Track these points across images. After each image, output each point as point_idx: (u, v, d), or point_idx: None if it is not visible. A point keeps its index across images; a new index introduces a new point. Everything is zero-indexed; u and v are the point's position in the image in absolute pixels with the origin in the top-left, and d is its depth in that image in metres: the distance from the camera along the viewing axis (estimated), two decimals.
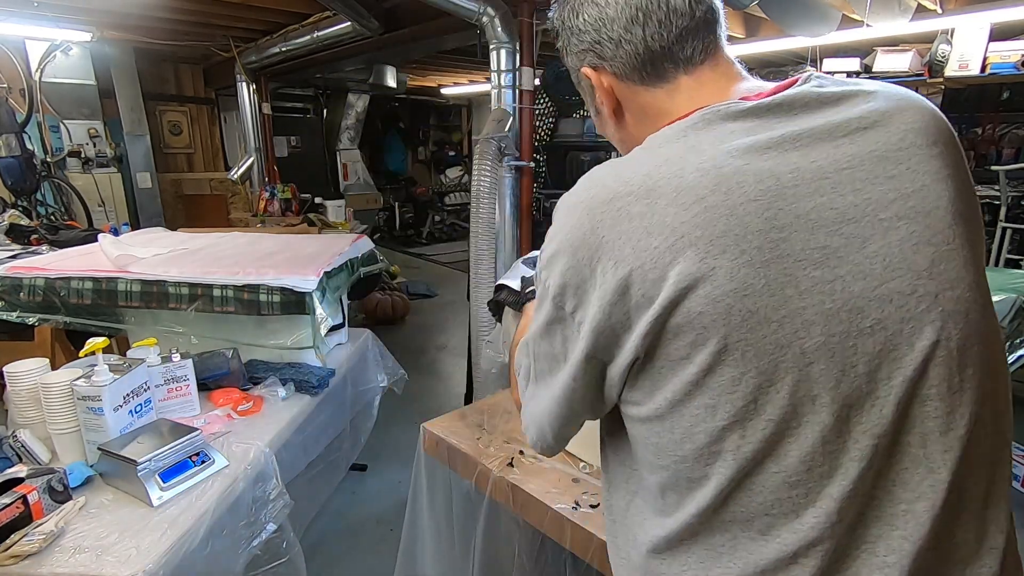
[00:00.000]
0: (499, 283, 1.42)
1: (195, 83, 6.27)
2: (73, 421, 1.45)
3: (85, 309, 2.03)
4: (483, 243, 2.66)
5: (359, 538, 2.39)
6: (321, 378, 2.02)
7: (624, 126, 0.75)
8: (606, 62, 0.69)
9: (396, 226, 9.28)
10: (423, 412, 3.33)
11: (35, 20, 3.81)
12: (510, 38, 2.77)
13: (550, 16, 0.77)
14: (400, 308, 5.13)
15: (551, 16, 0.77)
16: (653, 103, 0.69)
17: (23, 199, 4.08)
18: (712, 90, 0.68)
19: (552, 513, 1.09)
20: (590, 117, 0.90)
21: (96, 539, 1.23)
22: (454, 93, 8.85)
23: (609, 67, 0.69)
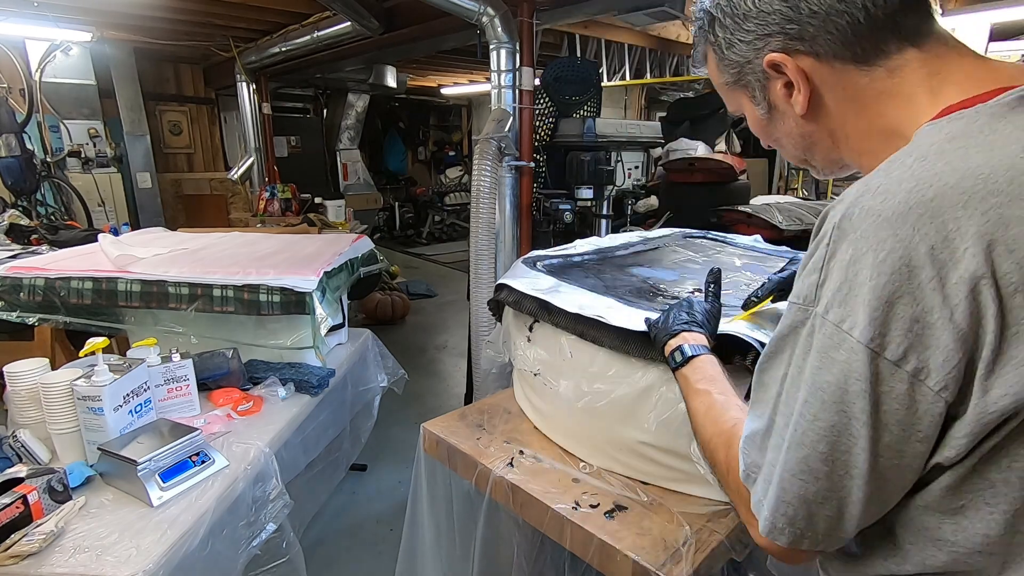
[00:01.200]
0: (499, 283, 1.42)
1: (195, 83, 6.27)
2: (73, 421, 1.45)
3: (85, 309, 2.03)
4: (483, 243, 2.66)
5: (359, 538, 2.39)
6: (321, 378, 2.02)
7: (821, 118, 0.65)
8: (804, 43, 0.60)
9: (396, 226, 9.28)
10: (423, 412, 3.34)
11: (35, 20, 3.81)
12: (510, 38, 2.77)
13: (694, 9, 0.69)
14: (400, 308, 5.13)
15: (695, 9, 0.68)
16: (870, 86, 0.60)
17: (23, 199, 4.08)
18: (962, 68, 0.57)
19: (552, 513, 1.09)
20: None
21: (96, 539, 1.23)
22: (454, 93, 8.85)
23: (808, 48, 0.60)
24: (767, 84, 0.65)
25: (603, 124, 3.25)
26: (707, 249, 1.85)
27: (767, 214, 3.78)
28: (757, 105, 0.69)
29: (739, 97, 0.71)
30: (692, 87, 6.90)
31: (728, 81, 0.69)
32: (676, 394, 1.04)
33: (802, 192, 6.31)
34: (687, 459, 1.06)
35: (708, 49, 0.70)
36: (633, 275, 1.50)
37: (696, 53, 0.74)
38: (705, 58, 0.73)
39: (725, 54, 0.66)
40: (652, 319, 1.00)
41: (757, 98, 0.68)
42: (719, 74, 0.70)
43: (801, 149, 0.70)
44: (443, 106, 10.47)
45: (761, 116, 0.69)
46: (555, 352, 1.25)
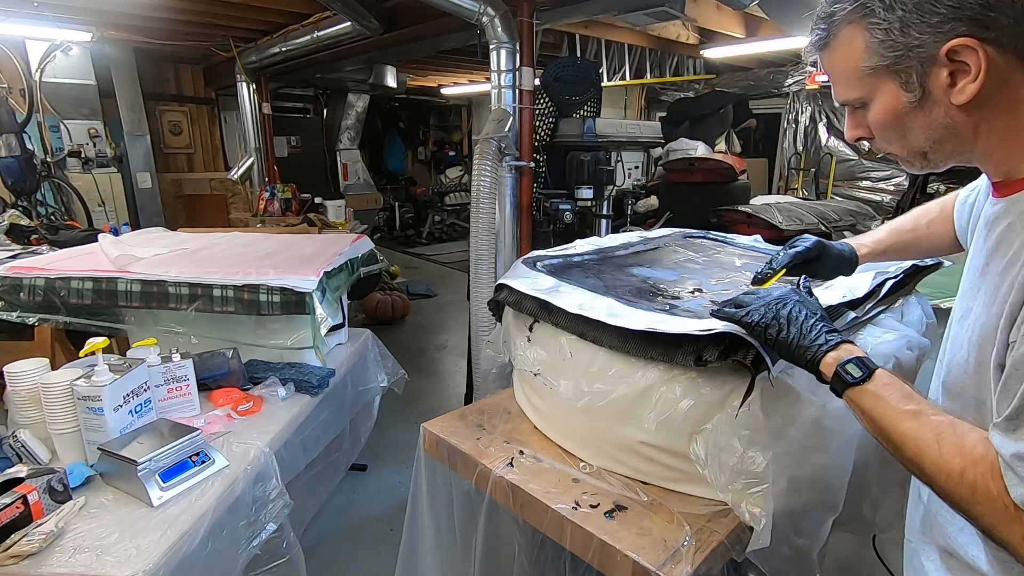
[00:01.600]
0: (499, 283, 1.42)
1: (195, 83, 6.27)
2: (73, 421, 1.45)
3: (85, 309, 2.03)
4: (483, 243, 2.66)
5: (359, 538, 2.39)
6: (321, 378, 2.02)
7: (975, 110, 0.64)
8: (990, 32, 0.58)
9: (396, 226, 9.28)
10: (423, 412, 3.34)
11: (35, 20, 3.81)
12: (510, 38, 2.77)
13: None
14: (400, 308, 5.13)
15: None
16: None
17: (23, 199, 4.08)
18: None
19: (552, 513, 1.09)
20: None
21: (96, 539, 1.23)
22: (454, 93, 8.85)
23: (993, 38, 0.58)
24: (930, 70, 0.63)
25: (603, 124, 3.25)
26: (707, 249, 1.85)
27: (767, 214, 3.78)
28: (908, 91, 0.66)
29: (879, 83, 0.68)
30: (692, 87, 6.90)
31: (877, 64, 0.66)
32: (676, 394, 1.04)
33: (802, 192, 6.31)
34: (687, 459, 1.06)
35: (857, 30, 0.67)
36: (633, 275, 1.50)
37: (819, 29, 0.71)
38: (825, 41, 0.71)
39: (893, 36, 0.64)
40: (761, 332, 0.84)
41: (911, 84, 0.66)
42: (868, 56, 0.67)
43: (931, 140, 0.69)
44: (443, 106, 10.47)
45: (908, 103, 0.67)
46: (555, 352, 1.25)
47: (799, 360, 0.82)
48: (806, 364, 0.81)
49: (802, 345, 0.81)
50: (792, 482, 1.01)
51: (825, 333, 0.81)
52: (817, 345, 0.80)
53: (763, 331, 0.84)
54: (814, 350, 0.80)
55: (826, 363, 0.78)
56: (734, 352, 0.95)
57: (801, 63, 6.02)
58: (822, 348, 0.79)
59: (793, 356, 0.83)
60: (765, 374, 0.93)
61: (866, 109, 0.72)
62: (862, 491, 1.20)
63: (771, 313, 0.84)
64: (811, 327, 0.82)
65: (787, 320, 0.83)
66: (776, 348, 0.84)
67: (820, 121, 6.21)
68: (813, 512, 1.07)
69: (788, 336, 0.82)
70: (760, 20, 4.18)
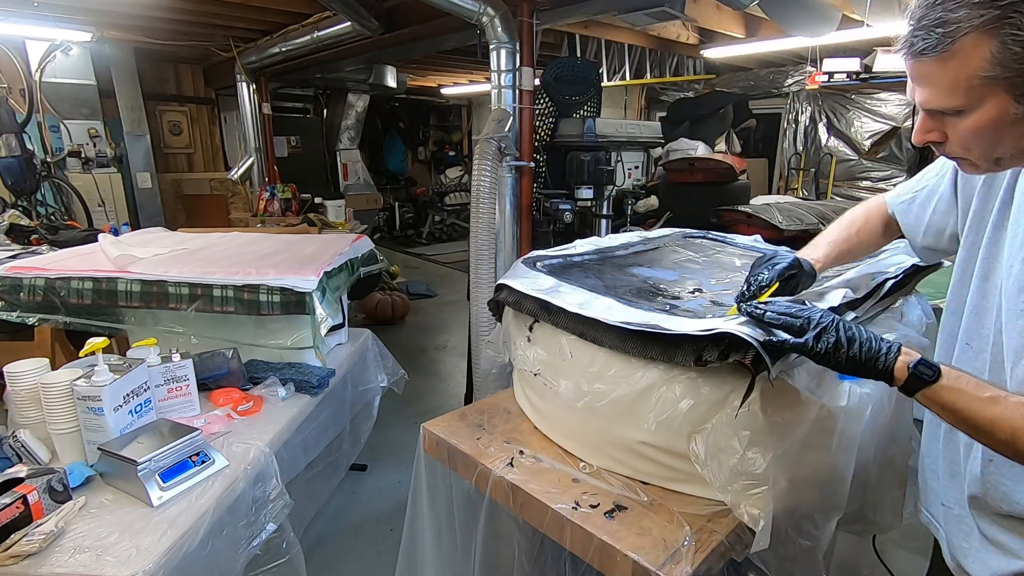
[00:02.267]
0: (499, 283, 1.42)
1: (195, 83, 6.27)
2: (73, 421, 1.45)
3: (85, 309, 2.03)
4: (483, 243, 2.66)
5: (359, 538, 2.39)
6: (321, 378, 2.02)
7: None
8: None
9: (396, 226, 9.28)
10: (423, 412, 3.34)
11: (35, 20, 3.81)
12: (510, 38, 2.77)
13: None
14: (400, 308, 5.13)
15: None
16: None
17: (23, 199, 4.08)
18: None
19: (552, 513, 1.09)
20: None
21: (96, 539, 1.23)
22: (454, 93, 8.85)
23: None
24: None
25: (603, 124, 3.25)
26: (707, 249, 1.85)
27: (767, 214, 3.78)
28: (1019, 103, 0.69)
29: (989, 93, 0.70)
30: (692, 87, 6.90)
31: (998, 75, 0.68)
32: (676, 394, 1.04)
33: (802, 192, 6.31)
34: (687, 459, 1.06)
35: (984, 39, 0.67)
36: (633, 275, 1.50)
37: (932, 37, 0.71)
38: (939, 48, 0.71)
39: (1001, 32, 0.65)
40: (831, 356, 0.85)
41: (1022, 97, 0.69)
42: (990, 66, 0.68)
43: (1019, 150, 0.73)
44: (443, 106, 10.47)
45: (1015, 114, 0.70)
46: (555, 352, 1.25)
47: (870, 371, 0.85)
48: (879, 374, 0.84)
49: (871, 358, 0.84)
50: (793, 482, 1.01)
51: (881, 342, 0.85)
52: (884, 355, 0.84)
53: (833, 355, 0.86)
54: (883, 360, 0.83)
55: (899, 369, 0.82)
56: (734, 352, 0.95)
57: (802, 63, 6.03)
58: (889, 356, 0.83)
59: (863, 369, 0.85)
60: (765, 374, 0.93)
61: (958, 117, 0.74)
62: (862, 491, 1.20)
63: (831, 337, 0.86)
64: (868, 340, 0.85)
65: (847, 340, 0.85)
66: (846, 365, 0.86)
67: (820, 121, 6.21)
68: (815, 513, 1.07)
69: (857, 354, 0.85)
70: (760, 20, 4.18)
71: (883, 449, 1.20)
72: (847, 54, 5.24)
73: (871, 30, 3.36)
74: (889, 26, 3.19)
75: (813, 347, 0.86)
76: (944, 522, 1.03)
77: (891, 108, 5.64)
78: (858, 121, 5.89)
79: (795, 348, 0.89)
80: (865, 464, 1.12)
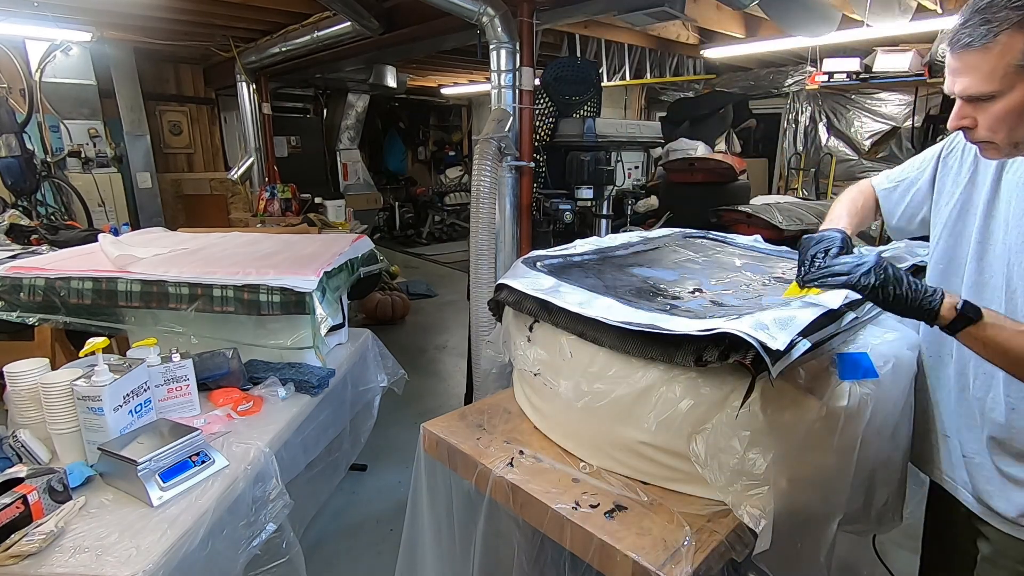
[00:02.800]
0: (499, 283, 1.42)
1: (195, 83, 6.27)
2: (73, 421, 1.45)
3: (85, 309, 2.03)
4: (483, 243, 2.66)
5: (359, 538, 2.39)
6: (321, 378, 2.02)
7: None
8: None
9: (396, 226, 9.28)
10: (423, 412, 3.34)
11: (35, 20, 3.81)
12: (510, 38, 2.77)
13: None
14: (400, 308, 5.13)
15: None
16: None
17: (23, 199, 4.07)
18: None
19: (552, 513, 1.09)
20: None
21: (96, 539, 1.23)
22: (454, 93, 8.85)
23: None
24: None
25: (603, 124, 3.24)
26: (707, 249, 1.85)
27: (767, 214, 3.78)
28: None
29: (1021, 79, 0.84)
30: (692, 87, 6.90)
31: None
32: (676, 394, 1.04)
33: (802, 192, 6.31)
34: (687, 459, 1.06)
35: (1019, 34, 0.82)
36: (633, 275, 1.50)
37: (977, 32, 0.85)
38: (983, 40, 0.85)
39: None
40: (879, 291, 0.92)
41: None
42: (1020, 56, 0.83)
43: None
44: (443, 106, 10.46)
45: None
46: (555, 352, 1.25)
47: (917, 310, 0.93)
48: (925, 313, 0.93)
49: (918, 297, 0.92)
50: (793, 483, 1.01)
51: (926, 285, 0.94)
52: (931, 295, 0.92)
53: (880, 290, 0.92)
54: (931, 299, 0.92)
55: (946, 308, 0.91)
56: (734, 352, 0.95)
57: (802, 63, 6.03)
58: (935, 297, 0.92)
59: (910, 308, 0.93)
60: (765, 374, 0.93)
61: (991, 102, 0.88)
62: (862, 491, 1.20)
63: (881, 274, 0.92)
64: (915, 282, 0.93)
65: (896, 279, 0.92)
66: (892, 304, 0.93)
67: (820, 121, 6.20)
68: (816, 513, 1.07)
69: (904, 292, 0.92)
70: (760, 20, 4.18)
71: (883, 449, 1.20)
72: (847, 54, 5.23)
73: (871, 30, 3.36)
74: (889, 26, 3.19)
75: (858, 283, 0.93)
76: (969, 472, 1.14)
77: (891, 108, 5.63)
78: (858, 121, 5.88)
79: (842, 285, 0.95)
80: (865, 464, 1.12)
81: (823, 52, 5.27)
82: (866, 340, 1.16)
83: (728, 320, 1.00)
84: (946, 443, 1.19)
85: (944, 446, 1.19)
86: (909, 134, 5.54)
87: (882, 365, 1.08)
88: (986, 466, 1.09)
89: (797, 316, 1.00)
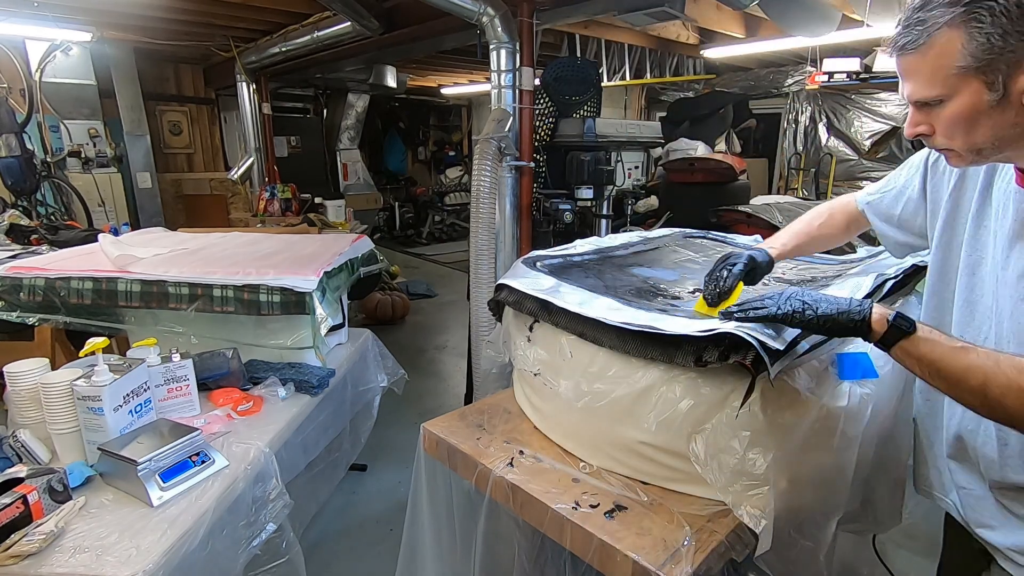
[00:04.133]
0: (499, 283, 1.42)
1: (195, 83, 6.27)
2: (73, 421, 1.45)
3: (85, 309, 2.03)
4: (483, 243, 2.66)
5: (359, 538, 2.39)
6: (321, 378, 2.02)
7: None
8: None
9: (396, 226, 9.28)
10: (423, 412, 3.34)
11: (35, 20, 3.81)
12: (510, 38, 2.77)
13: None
14: (400, 308, 5.13)
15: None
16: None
17: (23, 199, 4.07)
18: None
19: (552, 513, 1.09)
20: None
21: (96, 539, 1.23)
22: (454, 93, 8.85)
23: None
24: (1015, 74, 0.74)
25: (603, 124, 3.25)
26: (707, 249, 1.85)
27: (767, 214, 3.78)
28: (991, 91, 0.77)
29: (964, 82, 0.77)
30: (692, 87, 6.90)
31: (968, 65, 0.76)
32: (676, 394, 1.04)
33: (802, 192, 6.31)
34: (687, 459, 1.06)
35: (956, 33, 0.75)
36: (633, 275, 1.50)
37: (912, 34, 0.79)
38: (918, 43, 0.79)
39: (992, 41, 0.73)
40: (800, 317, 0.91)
41: (995, 85, 0.76)
42: (962, 57, 0.76)
43: (996, 138, 0.80)
44: (443, 106, 10.46)
45: (988, 102, 0.77)
46: (555, 352, 1.25)
47: (847, 327, 0.89)
48: (856, 327, 0.88)
49: (843, 313, 0.89)
50: (793, 483, 1.01)
51: (851, 300, 0.90)
52: (857, 309, 0.88)
53: (801, 316, 0.90)
54: (858, 313, 0.88)
55: (876, 320, 0.87)
56: (734, 353, 0.95)
57: (802, 63, 6.03)
58: (864, 308, 0.88)
59: (840, 326, 0.89)
60: (765, 374, 0.93)
61: (940, 107, 0.82)
62: (863, 491, 1.20)
63: (796, 302, 0.91)
64: (836, 299, 0.90)
65: (814, 301, 0.91)
66: (820, 326, 0.91)
67: (820, 121, 6.21)
68: (816, 513, 1.07)
69: (827, 311, 0.89)
70: (760, 20, 4.18)
71: (883, 449, 1.20)
72: (847, 54, 5.23)
73: (871, 30, 3.36)
74: (889, 26, 3.19)
75: (778, 313, 0.91)
76: (963, 504, 1.07)
77: (891, 108, 5.64)
78: (858, 121, 5.88)
79: (762, 318, 0.93)
80: (865, 464, 1.12)
81: (823, 52, 5.27)
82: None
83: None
84: (940, 472, 1.12)
85: (937, 473, 1.13)
86: None
87: (882, 365, 1.08)
88: (986, 500, 1.02)
89: None
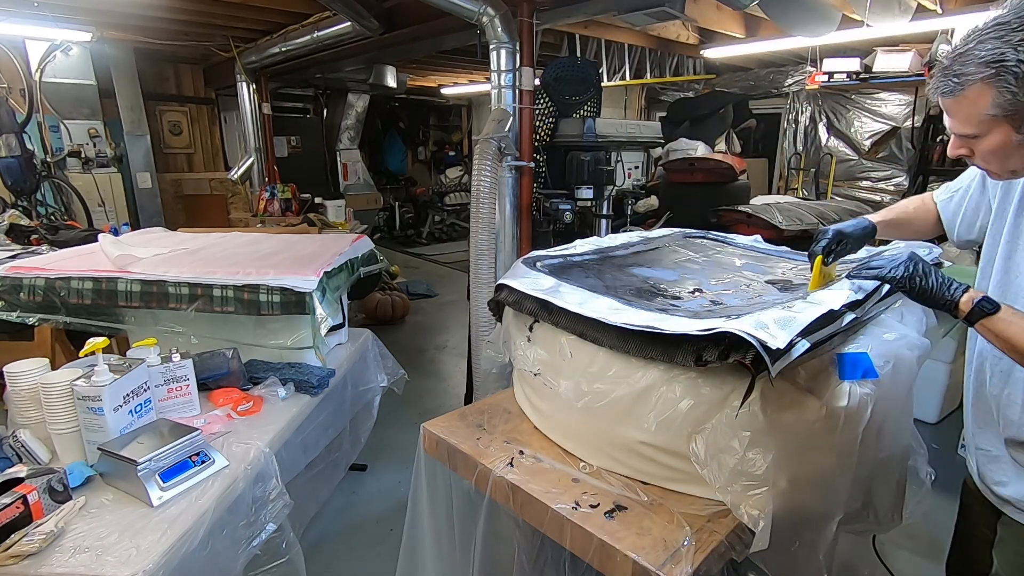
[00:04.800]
0: (499, 283, 1.42)
1: (195, 83, 6.27)
2: (73, 421, 1.45)
3: (85, 309, 2.03)
4: (483, 243, 2.66)
5: (359, 538, 2.39)
6: (321, 378, 2.02)
7: None
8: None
9: (396, 226, 9.28)
10: (423, 412, 3.34)
11: (35, 20, 3.81)
12: (510, 38, 2.77)
13: (983, 56, 0.89)
14: (400, 308, 5.13)
15: (984, 56, 0.89)
16: None
17: (23, 199, 4.07)
18: None
19: (552, 513, 1.09)
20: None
21: (96, 539, 1.23)
22: (454, 93, 8.85)
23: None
24: None
25: (603, 124, 3.24)
26: (707, 249, 1.85)
27: (767, 214, 3.78)
28: (1019, 133, 0.93)
29: (995, 125, 0.93)
30: (692, 87, 6.89)
31: (998, 113, 0.91)
32: (676, 394, 1.04)
33: (802, 192, 6.31)
34: (687, 459, 1.06)
35: (987, 88, 0.90)
36: (633, 275, 1.50)
37: (950, 84, 0.94)
38: (955, 93, 0.94)
39: (1016, 97, 0.89)
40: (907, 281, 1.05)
41: (1022, 128, 0.92)
42: (992, 107, 0.91)
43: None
44: (443, 106, 10.46)
45: (1017, 140, 0.93)
46: (555, 352, 1.25)
47: (939, 301, 1.04)
48: (945, 304, 1.03)
49: (942, 289, 1.03)
50: (793, 483, 1.01)
51: (953, 280, 1.05)
52: (953, 289, 1.03)
53: (908, 281, 1.05)
54: (952, 293, 1.03)
55: (964, 302, 1.01)
56: (734, 352, 0.95)
57: (802, 63, 6.02)
58: (957, 291, 1.02)
59: (933, 299, 1.04)
60: (765, 374, 0.93)
61: (977, 140, 0.98)
62: (863, 491, 1.20)
63: (911, 267, 1.06)
64: (940, 276, 1.05)
65: (923, 273, 1.05)
66: (919, 294, 1.06)
67: (820, 121, 6.20)
68: (816, 513, 1.07)
69: (929, 284, 1.04)
70: (760, 20, 4.18)
71: (883, 449, 1.20)
72: (847, 54, 5.23)
73: (871, 30, 3.36)
74: (889, 26, 3.19)
75: (888, 275, 1.06)
76: (979, 463, 1.22)
77: (891, 108, 5.63)
78: (858, 121, 5.88)
79: (874, 278, 1.09)
80: (865, 464, 1.12)
81: (823, 52, 5.27)
82: (866, 340, 1.16)
83: (728, 320, 1.00)
84: (969, 431, 1.26)
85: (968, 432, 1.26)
86: (909, 134, 5.54)
87: (882, 365, 1.08)
88: (1002, 460, 1.15)
89: (797, 316, 1.00)
